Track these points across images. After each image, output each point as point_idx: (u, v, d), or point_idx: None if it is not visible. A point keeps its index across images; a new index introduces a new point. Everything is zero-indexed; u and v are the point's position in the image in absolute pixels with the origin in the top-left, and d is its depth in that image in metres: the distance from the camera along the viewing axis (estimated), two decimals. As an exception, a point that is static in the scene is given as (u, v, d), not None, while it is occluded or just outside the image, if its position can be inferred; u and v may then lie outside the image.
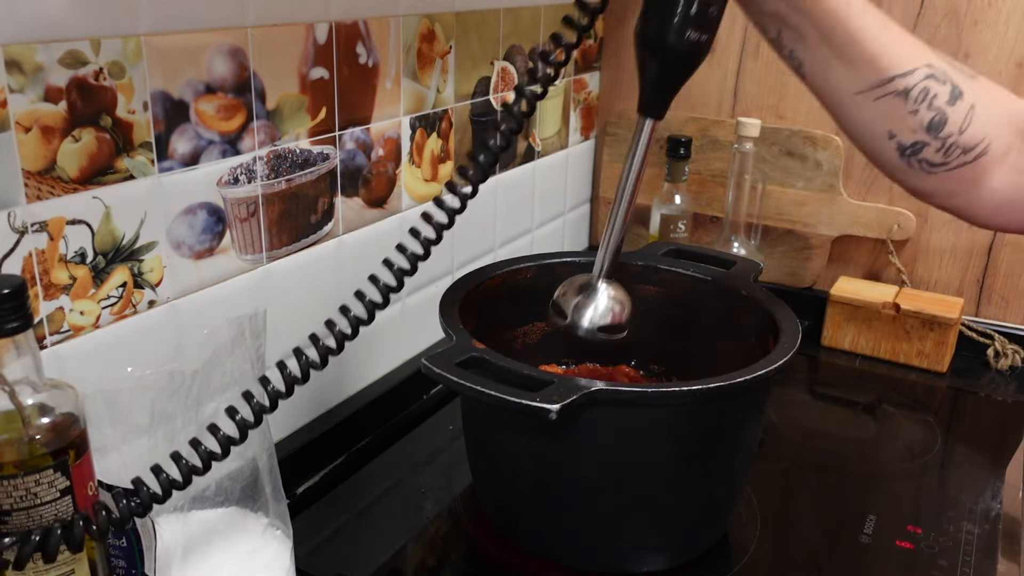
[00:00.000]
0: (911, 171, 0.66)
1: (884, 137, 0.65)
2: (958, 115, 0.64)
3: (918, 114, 0.64)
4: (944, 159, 0.65)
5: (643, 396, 0.63)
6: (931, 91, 0.63)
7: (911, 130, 0.64)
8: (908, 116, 0.64)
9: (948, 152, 0.64)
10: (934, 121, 0.63)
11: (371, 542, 0.75)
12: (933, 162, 0.65)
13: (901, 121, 0.64)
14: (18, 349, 0.46)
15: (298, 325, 0.81)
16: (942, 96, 0.63)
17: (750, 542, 0.75)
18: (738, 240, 1.12)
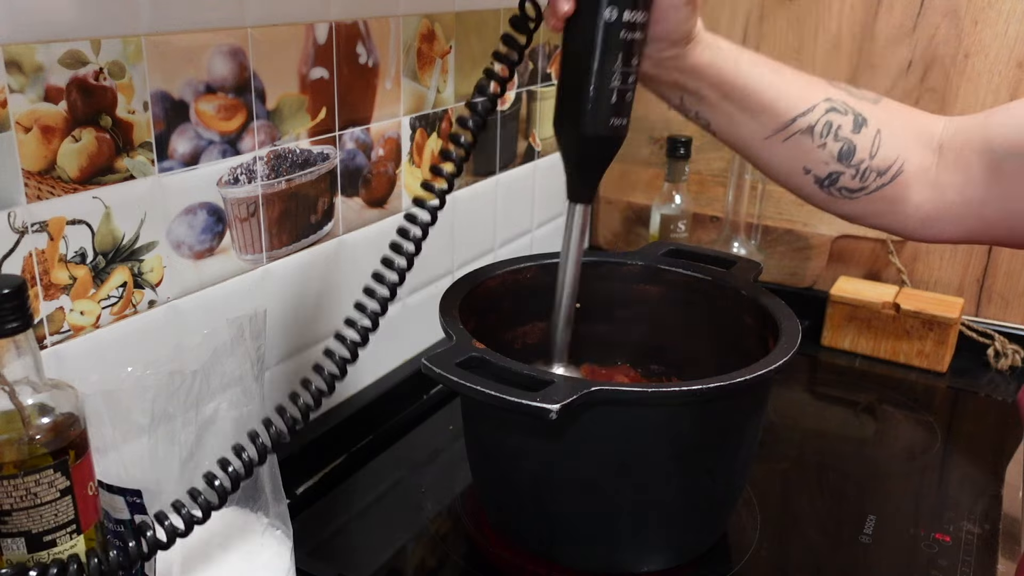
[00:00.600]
0: (833, 200, 0.69)
1: (800, 173, 0.68)
2: (865, 141, 0.66)
3: (826, 147, 0.66)
4: (861, 184, 0.67)
5: (643, 396, 0.63)
6: (834, 123, 0.66)
7: (823, 162, 0.67)
8: (817, 150, 0.67)
9: (864, 177, 0.67)
10: (843, 151, 0.66)
11: (371, 542, 0.75)
12: (851, 188, 0.68)
13: (812, 156, 0.67)
14: (18, 349, 0.46)
15: (298, 325, 0.81)
16: (846, 126, 0.66)
17: (750, 542, 0.75)
18: (738, 240, 1.12)
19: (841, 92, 0.68)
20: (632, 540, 0.69)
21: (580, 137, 0.63)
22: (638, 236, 1.29)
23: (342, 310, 0.86)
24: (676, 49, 0.64)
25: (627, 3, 0.59)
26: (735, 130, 0.68)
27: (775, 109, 0.66)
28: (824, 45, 1.14)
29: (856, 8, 1.11)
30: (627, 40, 0.60)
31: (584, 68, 0.60)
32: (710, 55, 0.65)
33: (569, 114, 0.63)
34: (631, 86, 0.61)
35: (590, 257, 0.86)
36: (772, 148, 0.68)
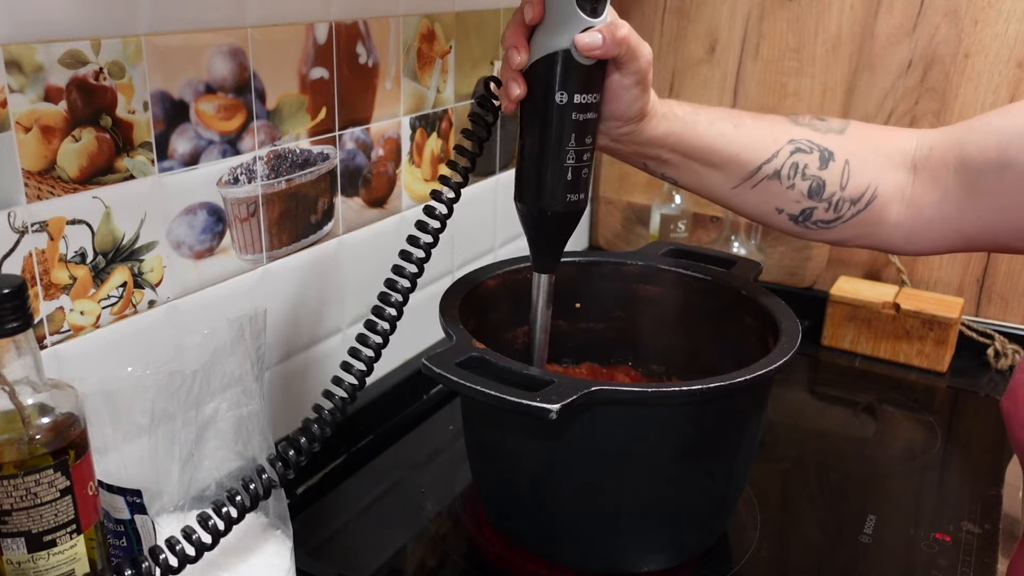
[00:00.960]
0: (810, 231, 0.70)
1: (773, 213, 0.70)
2: (834, 175, 0.68)
3: (795, 187, 0.68)
4: (836, 214, 0.68)
5: (643, 396, 0.63)
6: (800, 163, 0.67)
7: (795, 201, 0.68)
8: (787, 192, 0.68)
9: (837, 208, 0.68)
10: (812, 188, 0.68)
11: (371, 542, 0.75)
12: (826, 220, 0.69)
13: (783, 197, 0.68)
14: (18, 349, 0.46)
15: (298, 326, 0.81)
16: (812, 164, 0.68)
17: (750, 542, 0.75)
18: (738, 240, 1.12)
19: (805, 130, 0.69)
20: (632, 540, 0.69)
21: (538, 213, 0.64)
22: (638, 236, 1.29)
23: (342, 310, 0.86)
24: (631, 126, 0.65)
25: (577, 86, 0.60)
26: (702, 184, 0.70)
27: (739, 161, 0.68)
28: (824, 45, 1.14)
29: (856, 8, 1.11)
30: (579, 121, 0.61)
31: (538, 148, 0.62)
32: (666, 126, 0.66)
33: (527, 191, 0.64)
34: (587, 163, 0.63)
35: (590, 257, 0.86)
36: (742, 196, 0.69)
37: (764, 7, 1.16)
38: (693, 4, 1.20)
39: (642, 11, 1.24)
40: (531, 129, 0.62)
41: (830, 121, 0.70)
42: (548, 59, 0.59)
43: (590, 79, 0.60)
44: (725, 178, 0.68)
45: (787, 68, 1.17)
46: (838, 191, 0.68)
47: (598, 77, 0.61)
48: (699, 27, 1.20)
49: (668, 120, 0.66)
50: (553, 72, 0.60)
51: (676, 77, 1.24)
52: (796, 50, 1.16)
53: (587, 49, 0.58)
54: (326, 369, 0.86)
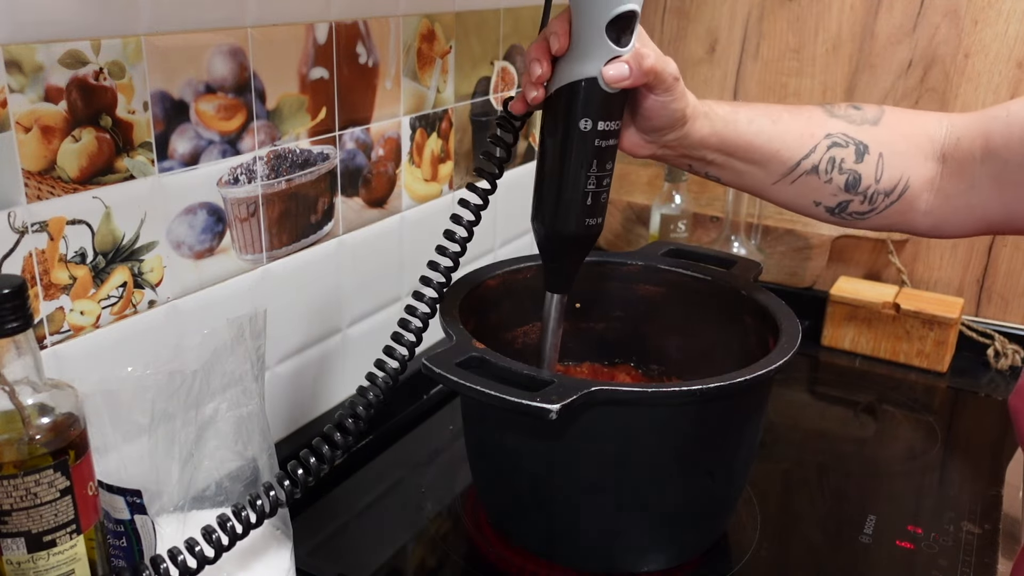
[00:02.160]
0: (846, 221, 0.72)
1: (811, 206, 0.71)
2: (869, 168, 0.69)
3: (833, 181, 0.69)
4: (871, 206, 0.70)
5: (643, 396, 0.63)
6: (837, 158, 0.68)
7: (832, 195, 0.70)
8: (824, 186, 0.69)
9: (872, 200, 0.69)
10: (849, 181, 0.69)
11: (371, 542, 0.75)
12: (861, 211, 0.70)
13: (820, 191, 0.70)
14: (18, 349, 0.46)
15: (298, 325, 0.81)
16: (849, 158, 0.69)
17: (750, 542, 0.75)
18: (738, 240, 1.12)
19: (840, 122, 0.69)
20: (632, 540, 0.69)
21: (555, 235, 0.64)
22: (638, 236, 1.29)
23: (342, 310, 0.86)
24: (676, 132, 0.65)
25: (601, 114, 0.60)
26: (744, 181, 0.70)
27: (779, 158, 0.68)
28: (824, 45, 1.14)
29: (856, 8, 1.11)
30: (601, 147, 0.61)
31: (559, 173, 0.62)
32: (709, 126, 0.66)
33: (545, 213, 0.64)
34: (606, 188, 0.63)
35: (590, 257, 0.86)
36: (781, 190, 0.70)
37: (764, 7, 1.16)
38: (693, 4, 1.20)
39: (642, 11, 1.23)
40: (553, 153, 0.62)
41: (865, 110, 0.71)
42: (573, 86, 0.59)
43: (613, 106, 0.61)
44: (766, 174, 0.69)
45: (787, 68, 1.17)
46: (873, 184, 0.69)
47: (620, 103, 0.61)
48: (699, 27, 1.20)
49: (711, 120, 0.66)
50: (578, 99, 0.60)
51: (676, 77, 1.24)
52: (796, 50, 1.16)
53: (614, 81, 0.59)
54: (326, 369, 0.86)
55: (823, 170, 0.68)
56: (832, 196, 0.69)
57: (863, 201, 0.69)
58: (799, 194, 0.70)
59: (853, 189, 0.69)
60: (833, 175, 0.69)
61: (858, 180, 0.68)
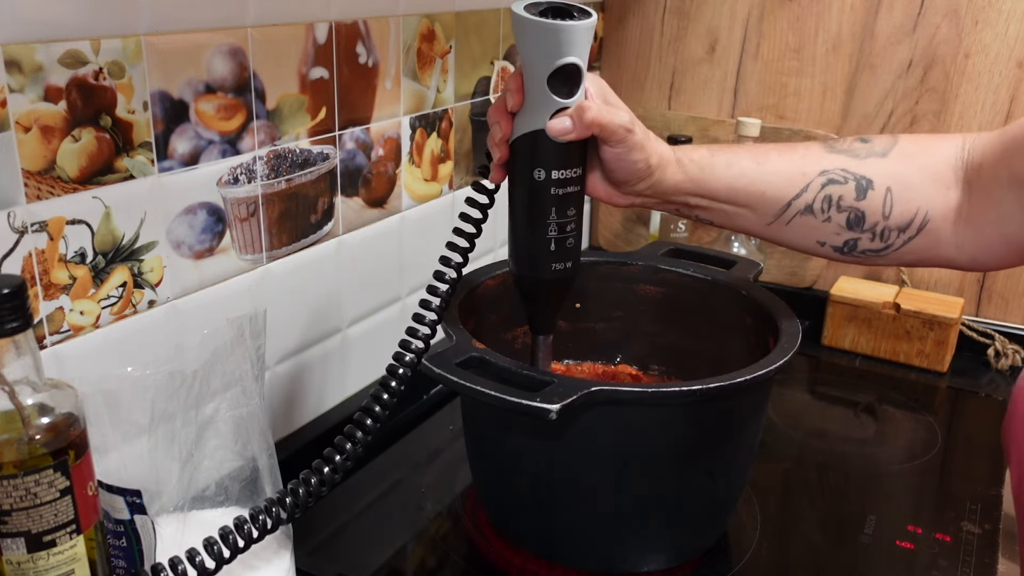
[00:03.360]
0: (862, 259, 0.68)
1: (817, 247, 0.68)
2: (874, 204, 0.65)
3: (832, 220, 0.66)
4: (884, 244, 0.66)
5: (643, 396, 0.63)
6: (834, 196, 0.65)
7: (835, 233, 0.67)
8: (824, 225, 0.66)
9: (884, 237, 0.66)
10: (851, 219, 0.65)
11: (371, 542, 0.75)
12: (875, 249, 0.67)
13: (821, 231, 0.67)
14: (18, 349, 0.46)
15: (298, 325, 0.81)
16: (848, 195, 0.65)
17: (750, 542, 0.75)
18: (738, 240, 1.12)
19: (840, 157, 0.67)
20: (632, 540, 0.69)
21: (526, 280, 0.66)
22: (638, 236, 1.29)
23: (342, 310, 0.86)
24: (646, 182, 0.65)
25: (555, 163, 0.61)
26: (737, 223, 0.69)
27: (767, 200, 0.66)
28: (824, 45, 1.14)
29: (856, 8, 1.11)
30: (559, 195, 0.62)
31: (522, 221, 0.64)
32: (681, 173, 0.66)
33: (515, 260, 0.66)
34: (571, 233, 0.64)
35: (590, 257, 0.86)
36: (778, 231, 0.68)
37: (764, 7, 1.16)
38: (693, 4, 1.20)
39: (642, 11, 1.24)
40: (516, 202, 0.64)
41: (874, 142, 0.67)
42: (525, 138, 0.61)
43: (567, 155, 0.62)
44: (757, 217, 0.67)
45: (787, 68, 1.17)
46: (881, 220, 0.65)
47: (577, 152, 0.62)
48: (699, 27, 1.20)
49: (683, 167, 0.66)
50: (530, 150, 0.61)
51: (676, 77, 1.24)
52: (796, 50, 1.16)
53: (557, 133, 0.60)
54: (326, 369, 0.86)
55: (819, 209, 0.66)
56: (835, 235, 0.66)
57: (873, 238, 0.66)
58: (799, 235, 0.68)
59: (857, 227, 0.65)
60: (831, 214, 0.66)
61: (862, 218, 0.65)
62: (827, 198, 0.65)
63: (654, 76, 1.25)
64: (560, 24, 0.56)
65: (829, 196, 0.65)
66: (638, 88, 1.27)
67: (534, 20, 0.57)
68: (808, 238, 0.68)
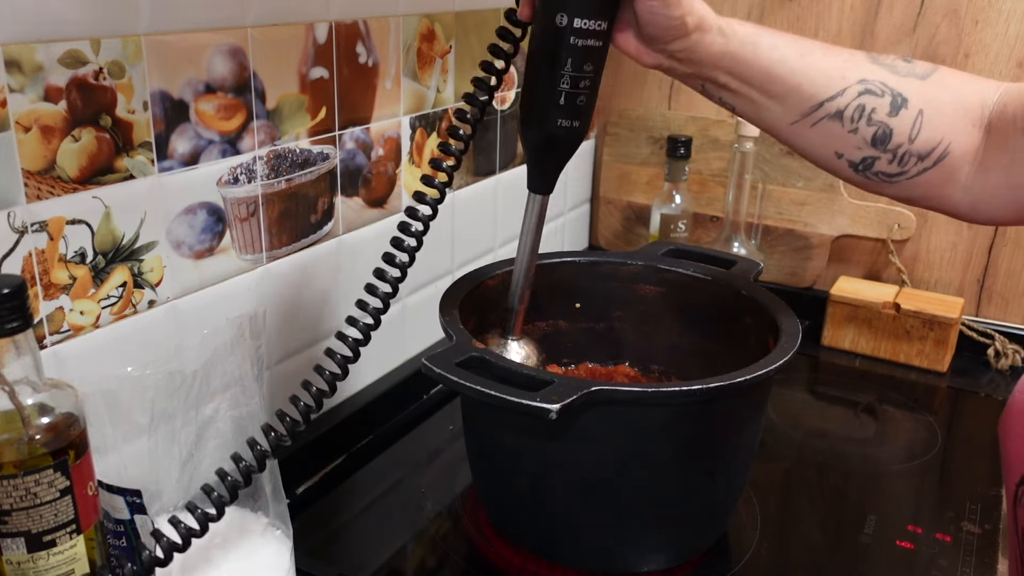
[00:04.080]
0: (872, 183, 0.66)
1: (833, 158, 0.65)
2: (904, 124, 0.63)
3: (859, 131, 0.63)
4: (900, 168, 0.64)
5: (643, 396, 0.63)
6: (867, 107, 0.63)
7: (856, 147, 0.64)
8: (848, 135, 0.63)
9: (903, 162, 0.64)
10: (877, 135, 0.63)
11: (371, 542, 0.75)
12: (889, 173, 0.64)
13: (843, 141, 0.64)
14: (18, 349, 0.46)
15: (298, 325, 0.81)
16: (881, 109, 0.63)
17: (750, 542, 0.75)
18: (738, 240, 1.12)
19: (882, 70, 0.64)
20: (632, 540, 0.69)
21: (531, 136, 0.64)
22: (638, 236, 1.29)
23: (342, 310, 0.86)
24: (681, 42, 0.62)
25: (579, 10, 0.59)
26: (760, 115, 0.66)
27: (800, 94, 0.63)
28: (824, 45, 1.14)
29: (856, 8, 1.11)
30: (577, 46, 0.60)
31: (535, 70, 0.62)
32: (722, 43, 0.62)
33: (523, 112, 0.64)
34: (583, 90, 0.61)
35: (590, 257, 0.86)
36: (800, 133, 0.65)
37: (764, 7, 1.16)
38: (693, 4, 1.19)
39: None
40: (532, 51, 0.62)
41: (916, 64, 0.65)
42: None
43: (593, 5, 0.59)
44: (784, 111, 0.64)
45: (787, 68, 1.17)
46: (905, 143, 0.63)
47: (606, 3, 0.59)
48: (699, 27, 1.20)
49: (726, 37, 0.62)
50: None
51: (676, 77, 1.24)
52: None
53: None
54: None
55: (849, 117, 0.63)
56: (857, 149, 0.64)
57: (892, 160, 0.63)
58: (820, 142, 0.65)
59: (881, 145, 0.63)
60: (860, 125, 0.63)
61: (888, 135, 0.63)
62: (860, 107, 0.63)
63: (654, 76, 1.25)
64: None
65: (862, 106, 0.63)
66: (638, 88, 1.27)
67: None
68: (828, 147, 0.65)
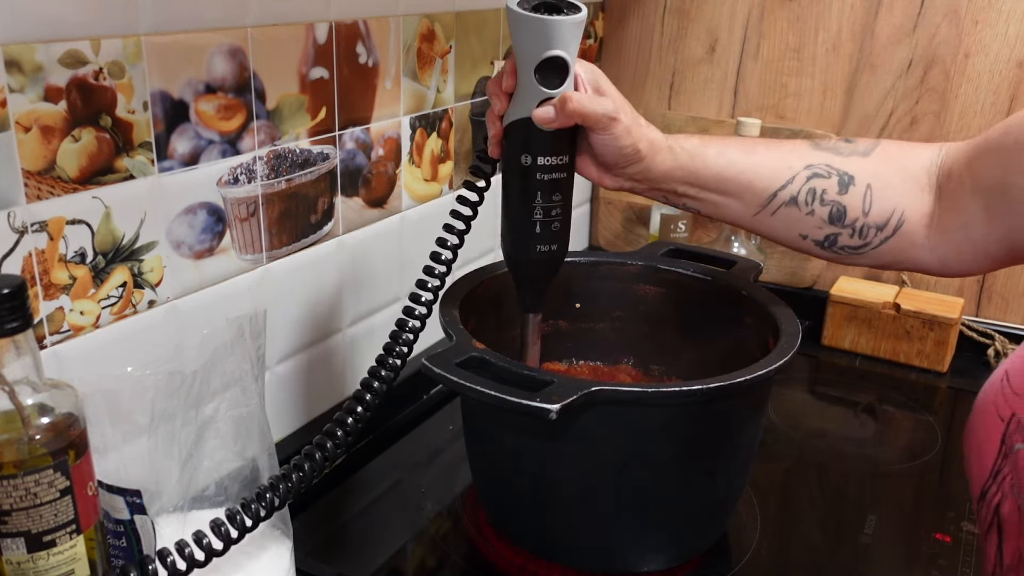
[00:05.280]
0: (841, 256, 0.70)
1: (799, 239, 0.70)
2: (855, 200, 0.67)
3: (815, 213, 0.68)
4: (863, 241, 0.68)
5: (643, 396, 0.63)
6: (818, 189, 0.67)
7: (816, 227, 0.68)
8: (807, 217, 0.68)
9: (863, 235, 0.68)
10: (832, 214, 0.67)
11: (371, 542, 0.75)
12: (854, 246, 0.69)
13: (804, 223, 0.68)
14: (18, 349, 0.46)
15: (298, 325, 0.81)
16: (831, 189, 0.67)
17: (750, 542, 0.75)
18: (738, 240, 1.12)
19: (825, 154, 0.69)
20: (632, 540, 0.69)
21: (514, 261, 0.69)
22: (638, 236, 1.29)
23: (342, 310, 0.86)
24: (635, 166, 0.66)
25: (541, 149, 0.64)
26: (723, 213, 0.70)
27: (754, 189, 0.68)
28: (824, 45, 1.14)
29: (856, 8, 1.11)
30: (544, 180, 0.65)
31: (510, 203, 0.67)
32: (672, 160, 0.67)
33: (505, 241, 0.69)
34: (556, 218, 0.66)
35: (590, 257, 0.86)
36: (764, 222, 0.70)
37: (764, 7, 1.16)
38: (693, 4, 1.20)
39: (642, 11, 1.24)
40: (505, 185, 0.67)
41: (857, 143, 0.70)
42: (514, 125, 0.64)
43: (555, 143, 0.64)
44: (743, 206, 0.69)
45: (787, 68, 1.17)
46: (861, 216, 0.67)
47: (565, 139, 0.65)
48: (699, 27, 1.20)
49: (675, 154, 0.67)
50: (518, 136, 0.64)
51: (676, 77, 1.24)
52: (796, 50, 1.16)
53: (542, 122, 0.62)
54: (326, 369, 0.86)
55: (803, 201, 0.67)
56: (817, 229, 0.68)
57: (852, 235, 0.68)
58: (783, 227, 0.69)
59: (839, 222, 0.67)
60: (815, 207, 0.67)
61: (843, 212, 0.67)
62: (811, 191, 0.67)
63: (654, 76, 1.25)
64: (546, 19, 0.59)
65: (813, 189, 0.67)
66: (638, 88, 1.27)
67: (523, 14, 0.60)
68: (791, 230, 0.69)
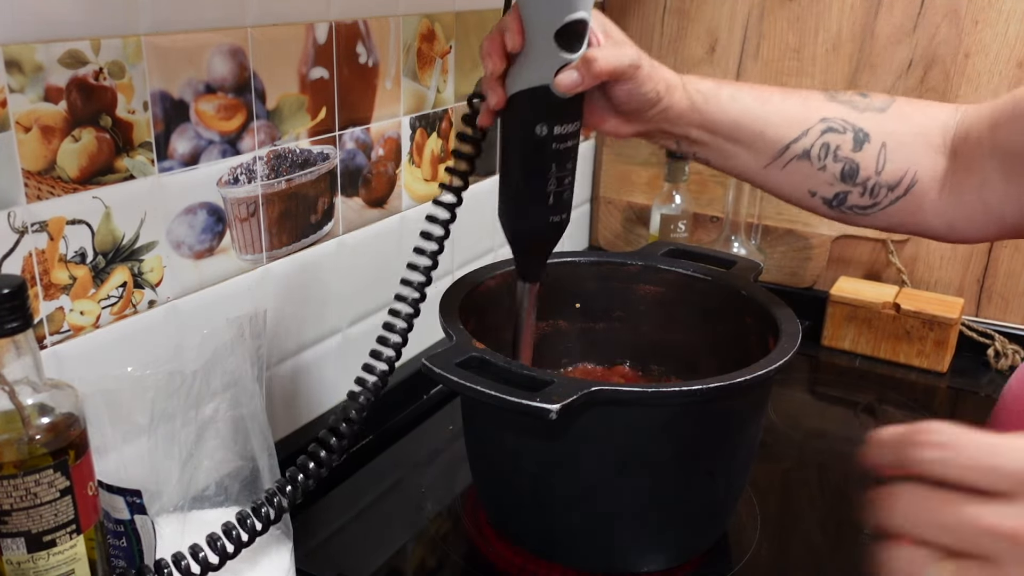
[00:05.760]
0: (848, 216, 0.68)
1: (807, 196, 0.67)
2: (869, 158, 0.65)
3: (827, 169, 0.65)
4: (873, 200, 0.66)
5: (643, 396, 0.63)
6: (832, 144, 0.65)
7: (827, 184, 0.66)
8: (818, 173, 0.66)
9: (874, 194, 0.66)
10: (845, 171, 0.65)
11: (371, 542, 0.75)
12: (863, 205, 0.66)
13: (814, 179, 0.66)
14: (18, 349, 0.46)
15: (298, 326, 0.81)
16: (845, 145, 0.65)
17: (750, 542, 0.75)
18: (738, 240, 1.12)
19: (842, 107, 0.66)
20: (632, 540, 0.69)
21: (523, 234, 0.66)
22: (638, 236, 1.29)
23: (342, 310, 0.86)
24: (655, 108, 0.64)
25: (557, 119, 0.60)
26: (732, 163, 0.68)
27: (765, 139, 0.66)
28: (824, 45, 1.14)
29: (856, 8, 1.11)
30: (559, 150, 0.61)
31: (521, 176, 0.63)
32: (687, 100, 0.65)
33: (511, 211, 0.65)
34: (568, 185, 0.64)
35: (590, 257, 0.86)
36: (772, 175, 0.67)
37: (764, 7, 1.16)
38: (693, 4, 1.20)
39: (642, 11, 1.24)
40: (513, 158, 0.63)
41: (873, 98, 0.67)
42: (527, 93, 0.60)
43: (568, 109, 0.61)
44: (753, 157, 0.67)
45: (787, 68, 1.17)
46: (873, 175, 0.65)
47: (577, 104, 0.61)
48: (699, 27, 1.20)
49: (691, 94, 0.65)
50: (532, 106, 0.60)
51: (676, 77, 1.24)
52: (796, 50, 1.16)
53: (566, 89, 0.58)
54: (326, 369, 0.86)
55: (816, 156, 0.65)
56: (828, 186, 0.66)
57: (863, 193, 0.66)
58: (792, 182, 0.67)
59: (850, 179, 0.65)
60: (827, 162, 0.65)
61: (855, 170, 0.65)
62: (825, 145, 0.65)
63: (654, 76, 1.25)
64: None
65: (827, 144, 0.65)
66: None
67: None
68: (801, 186, 0.67)
